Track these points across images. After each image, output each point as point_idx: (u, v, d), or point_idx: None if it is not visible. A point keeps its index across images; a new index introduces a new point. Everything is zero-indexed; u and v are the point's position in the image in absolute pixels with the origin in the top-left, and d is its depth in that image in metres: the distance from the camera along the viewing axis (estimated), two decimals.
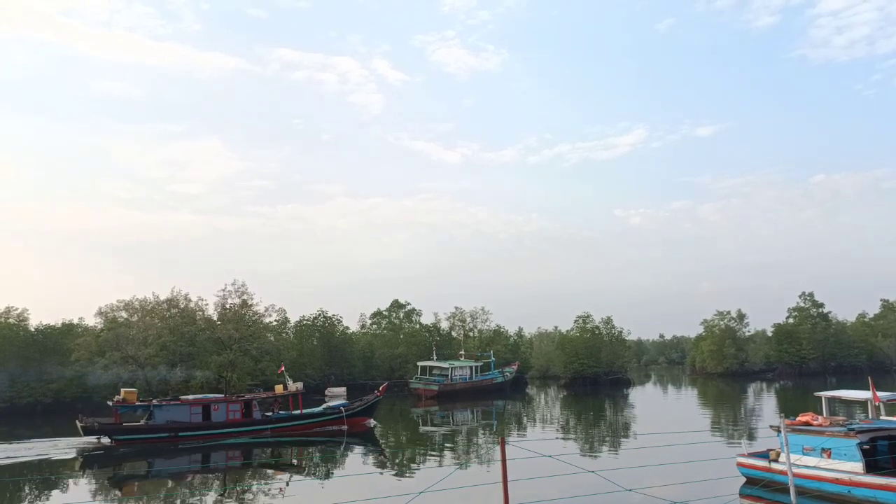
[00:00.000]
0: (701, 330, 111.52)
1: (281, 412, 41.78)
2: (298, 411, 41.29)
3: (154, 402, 39.25)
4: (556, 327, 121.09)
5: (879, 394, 20.74)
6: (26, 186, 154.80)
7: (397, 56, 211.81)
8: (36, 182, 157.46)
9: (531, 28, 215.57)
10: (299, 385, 43.12)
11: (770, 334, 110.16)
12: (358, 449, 35.68)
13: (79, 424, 36.70)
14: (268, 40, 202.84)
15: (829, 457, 18.42)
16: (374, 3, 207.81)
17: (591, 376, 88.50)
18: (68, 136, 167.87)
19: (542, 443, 33.58)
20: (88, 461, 32.33)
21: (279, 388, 43.07)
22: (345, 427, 40.28)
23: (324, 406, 43.67)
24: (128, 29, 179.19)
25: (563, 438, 35.94)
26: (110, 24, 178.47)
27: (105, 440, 36.60)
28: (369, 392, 55.20)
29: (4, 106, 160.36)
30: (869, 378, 22.32)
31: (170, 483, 27.63)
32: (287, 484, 25.43)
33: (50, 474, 28.02)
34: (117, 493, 25.18)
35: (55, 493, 24.99)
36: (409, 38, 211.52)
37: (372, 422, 43.68)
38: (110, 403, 38.76)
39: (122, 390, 39.97)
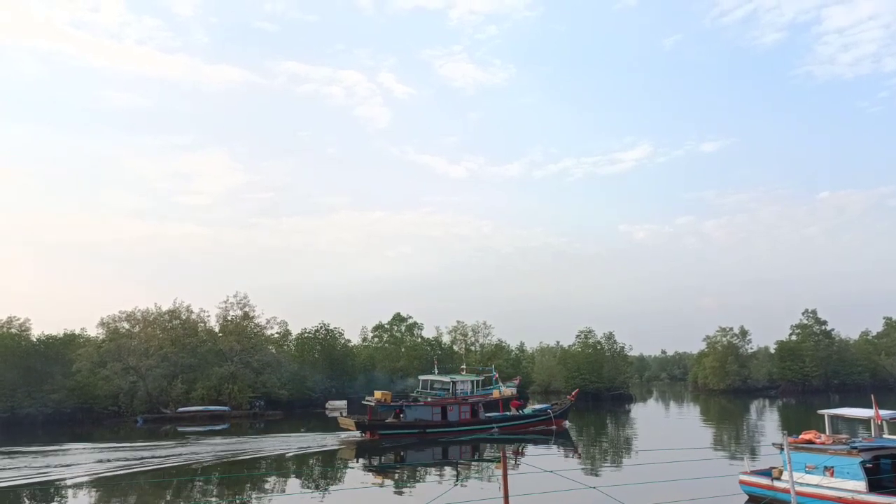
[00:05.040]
0: (703, 346, 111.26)
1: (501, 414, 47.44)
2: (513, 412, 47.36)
3: (403, 402, 44.99)
4: (558, 342, 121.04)
5: (882, 412, 20.64)
6: (30, 195, 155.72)
7: (404, 70, 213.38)
8: (40, 191, 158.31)
9: (538, 43, 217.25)
10: (513, 390, 50.68)
11: (773, 351, 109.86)
12: (564, 445, 39.84)
13: (352, 421, 42.86)
14: (276, 53, 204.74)
15: (831, 475, 18.33)
16: (382, 17, 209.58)
17: (593, 392, 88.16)
18: (74, 145, 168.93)
19: (543, 458, 33.50)
20: (360, 451, 37.80)
21: (496, 394, 49.34)
22: (553, 427, 45.29)
23: (531, 409, 49.09)
24: (137, 41, 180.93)
25: (565, 454, 35.81)
26: (120, 36, 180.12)
27: (363, 435, 41.77)
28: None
29: (10, 114, 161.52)
30: (872, 396, 22.20)
31: (417, 471, 31.36)
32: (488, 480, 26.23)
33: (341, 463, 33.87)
34: (379, 478, 29.30)
35: (342, 474, 30.38)
36: (417, 53, 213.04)
37: (567, 423, 48.65)
38: (370, 403, 44.73)
39: (377, 392, 46.07)
